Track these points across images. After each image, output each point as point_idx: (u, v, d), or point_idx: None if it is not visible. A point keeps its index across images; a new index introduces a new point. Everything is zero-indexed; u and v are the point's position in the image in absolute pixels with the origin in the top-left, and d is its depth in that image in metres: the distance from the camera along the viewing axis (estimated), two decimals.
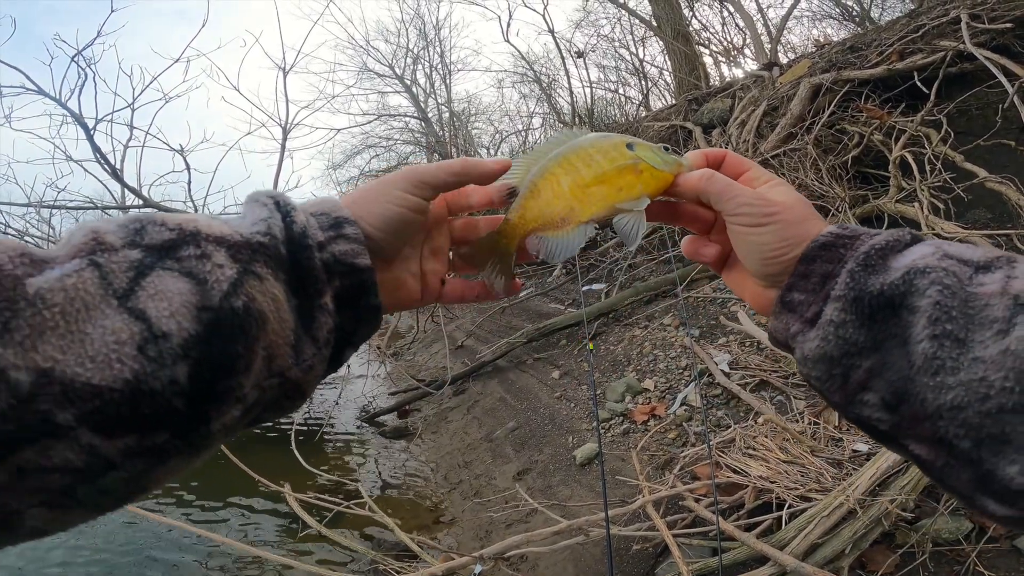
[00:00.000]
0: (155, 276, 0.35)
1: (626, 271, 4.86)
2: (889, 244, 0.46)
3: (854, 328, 0.44)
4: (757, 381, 2.90)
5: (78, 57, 6.28)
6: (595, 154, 0.57)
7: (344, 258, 0.45)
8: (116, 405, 0.31)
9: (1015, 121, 3.57)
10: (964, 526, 1.70)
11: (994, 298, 0.40)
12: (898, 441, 0.45)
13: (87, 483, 0.32)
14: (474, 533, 2.81)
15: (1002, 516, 0.40)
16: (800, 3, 11.94)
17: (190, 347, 0.34)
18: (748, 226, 0.51)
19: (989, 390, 0.38)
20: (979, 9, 4.41)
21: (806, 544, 1.71)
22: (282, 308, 0.40)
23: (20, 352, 0.29)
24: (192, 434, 0.35)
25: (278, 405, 0.42)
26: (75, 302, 0.32)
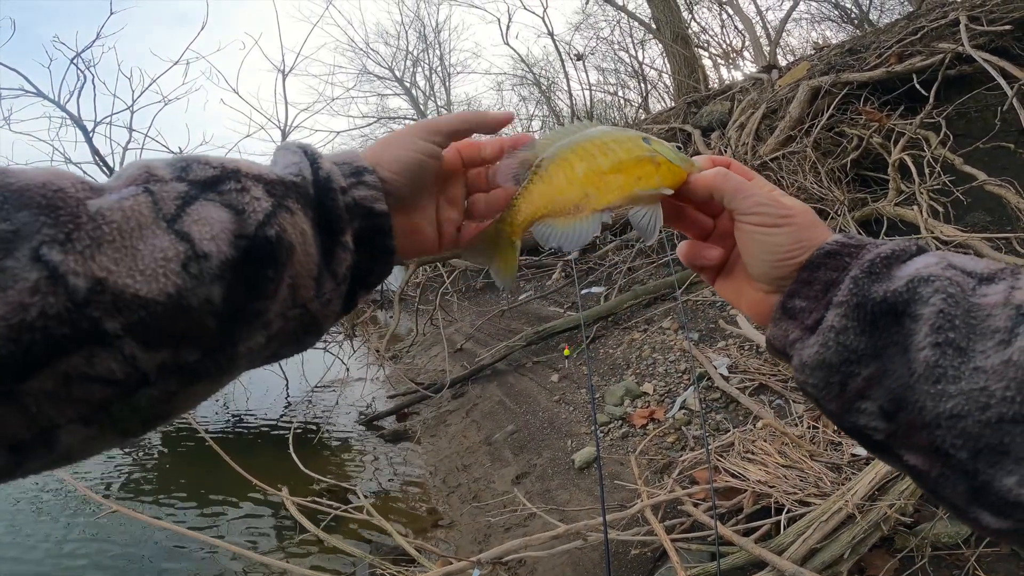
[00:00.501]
0: (199, 205, 0.38)
1: (625, 274, 4.85)
2: (895, 253, 0.46)
3: (855, 335, 0.44)
4: (756, 385, 2.90)
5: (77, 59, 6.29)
6: (612, 143, 0.56)
7: (363, 202, 0.48)
8: (158, 318, 0.33)
9: (1014, 124, 3.57)
10: (963, 530, 1.70)
11: (996, 308, 0.40)
12: (893, 451, 0.44)
13: (122, 399, 0.33)
14: (472, 537, 2.80)
15: (996, 529, 0.40)
16: (799, 6, 11.98)
17: (226, 269, 0.36)
18: (763, 226, 0.51)
19: (990, 400, 0.38)
20: (978, 11, 4.41)
21: (805, 549, 1.70)
22: (308, 242, 0.43)
23: (80, 260, 0.32)
24: (219, 354, 0.37)
25: (296, 339, 0.44)
26: (130, 221, 0.34)
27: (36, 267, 0.30)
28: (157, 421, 0.37)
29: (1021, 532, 0.39)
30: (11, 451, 0.31)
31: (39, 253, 0.31)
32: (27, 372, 0.30)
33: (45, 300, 0.30)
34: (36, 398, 0.30)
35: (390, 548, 2.68)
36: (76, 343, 0.31)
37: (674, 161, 0.56)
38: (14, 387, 0.30)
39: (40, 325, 0.30)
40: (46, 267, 0.31)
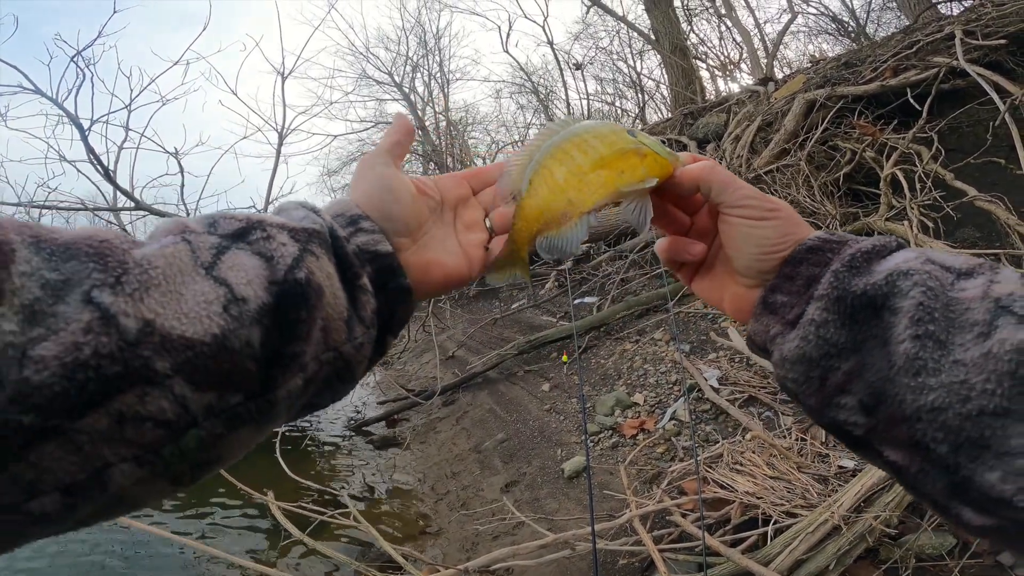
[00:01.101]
0: (232, 253, 0.39)
1: (618, 285, 4.86)
2: (875, 248, 0.47)
3: (835, 328, 0.45)
4: (746, 397, 2.90)
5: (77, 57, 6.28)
6: (591, 139, 0.55)
7: (367, 247, 0.48)
8: (204, 358, 0.34)
9: (1005, 139, 3.59)
10: (947, 542, 1.70)
11: (975, 302, 0.41)
12: (873, 447, 0.44)
13: (172, 440, 0.34)
14: (460, 545, 2.79)
15: (979, 526, 0.39)
16: (797, 19, 12.07)
17: (263, 314, 0.38)
18: (750, 219, 0.52)
19: (970, 392, 0.38)
20: (973, 25, 4.45)
21: (791, 560, 1.70)
22: (335, 285, 0.44)
23: (130, 302, 0.33)
24: (260, 398, 0.38)
25: (331, 385, 0.45)
26: (172, 266, 0.36)
27: (88, 309, 0.31)
28: (205, 469, 0.37)
29: (1004, 529, 0.38)
30: (65, 493, 0.31)
31: (90, 296, 0.32)
32: (83, 410, 0.30)
33: (98, 339, 0.31)
34: (90, 436, 0.31)
35: (377, 554, 2.66)
36: (129, 381, 0.32)
37: (660, 153, 0.55)
38: (70, 425, 0.30)
39: (94, 363, 0.30)
40: (98, 308, 0.32)
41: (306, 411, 0.46)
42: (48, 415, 0.29)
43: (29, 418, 0.29)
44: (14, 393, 0.28)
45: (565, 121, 0.58)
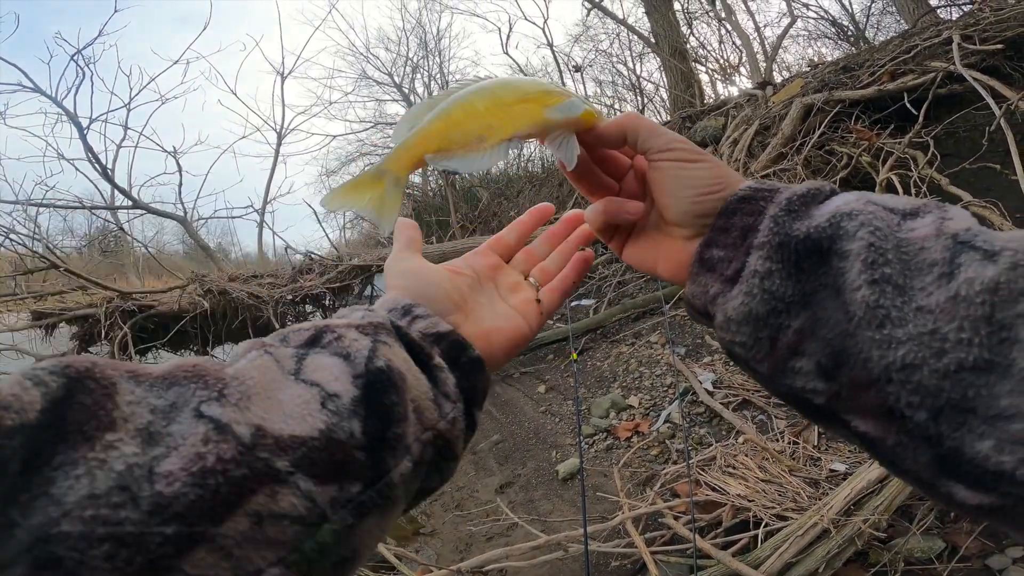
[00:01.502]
0: (311, 358, 0.41)
1: (615, 288, 4.87)
2: (811, 192, 0.44)
3: (780, 279, 0.41)
4: (740, 400, 2.91)
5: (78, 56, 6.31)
6: (514, 81, 0.53)
7: (428, 330, 0.49)
8: (318, 451, 0.36)
9: (1001, 144, 3.60)
10: (937, 545, 1.71)
11: (929, 240, 0.36)
12: (838, 417, 0.40)
13: (310, 535, 0.35)
14: (454, 546, 2.79)
15: (975, 505, 0.34)
16: (796, 23, 12.09)
17: (357, 406, 0.39)
18: (682, 161, 0.50)
19: (943, 344, 0.33)
20: (971, 30, 4.46)
21: (781, 563, 1.71)
22: (413, 368, 0.44)
23: (237, 411, 0.35)
24: (378, 482, 0.39)
25: (437, 466, 0.45)
26: (265, 377, 0.38)
27: (201, 422, 0.33)
28: (345, 566, 0.38)
29: (1006, 508, 0.33)
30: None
31: (200, 411, 0.34)
32: (222, 513, 0.31)
33: (218, 447, 0.32)
34: (236, 541, 0.31)
35: (370, 555, 2.67)
36: (257, 482, 0.33)
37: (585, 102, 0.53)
38: (214, 530, 0.31)
39: (220, 468, 0.32)
40: (211, 420, 0.33)
41: (421, 497, 0.47)
42: (190, 522, 0.30)
43: (172, 528, 0.29)
44: (151, 507, 0.29)
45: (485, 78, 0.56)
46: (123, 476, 0.29)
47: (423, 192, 13.35)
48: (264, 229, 10.48)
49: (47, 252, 6.89)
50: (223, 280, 5.44)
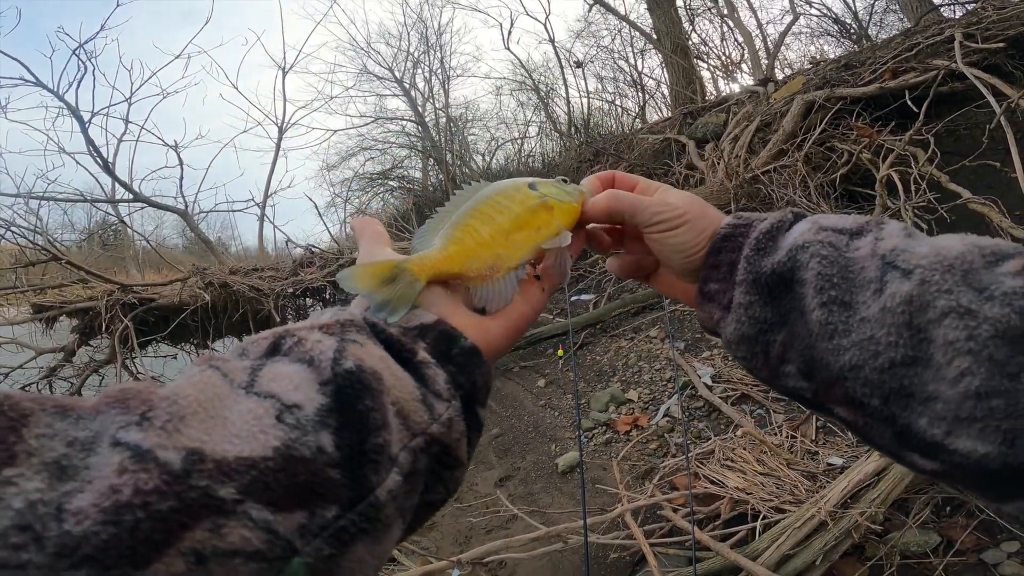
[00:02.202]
0: (268, 368, 0.37)
1: (615, 283, 4.88)
2: (774, 226, 0.51)
3: (760, 307, 0.48)
4: (738, 395, 2.92)
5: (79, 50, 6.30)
6: (503, 200, 0.58)
7: (409, 323, 0.46)
8: (273, 473, 0.31)
9: (1001, 142, 3.61)
10: (932, 539, 1.72)
11: (867, 260, 0.43)
12: (825, 407, 0.47)
13: (274, 572, 0.30)
14: (454, 538, 2.81)
15: (930, 470, 0.41)
16: (799, 20, 12.07)
17: (326, 416, 0.35)
18: (665, 231, 0.56)
19: (878, 347, 0.41)
20: (974, 28, 4.46)
21: (778, 555, 1.72)
22: (393, 365, 0.41)
23: (163, 434, 0.30)
24: (360, 503, 0.34)
25: (439, 476, 0.42)
26: (206, 392, 0.33)
27: (116, 451, 0.29)
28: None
29: (949, 472, 0.40)
30: None
31: (116, 438, 0.29)
32: (145, 556, 0.27)
33: (136, 477, 0.28)
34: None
35: None
36: (191, 516, 0.28)
37: (563, 199, 0.59)
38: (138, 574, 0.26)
39: (138, 502, 0.27)
40: (127, 448, 0.29)
41: (426, 512, 0.43)
42: (105, 565, 0.26)
43: (83, 573, 0.25)
44: (57, 548, 0.25)
45: (475, 187, 0.60)
46: (22, 514, 0.26)
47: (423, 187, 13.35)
48: (265, 223, 10.47)
49: (48, 245, 6.89)
50: (224, 273, 5.44)
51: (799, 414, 2.54)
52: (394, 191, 15.20)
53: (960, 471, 0.39)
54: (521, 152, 12.42)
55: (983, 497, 0.41)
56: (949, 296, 0.39)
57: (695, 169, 5.78)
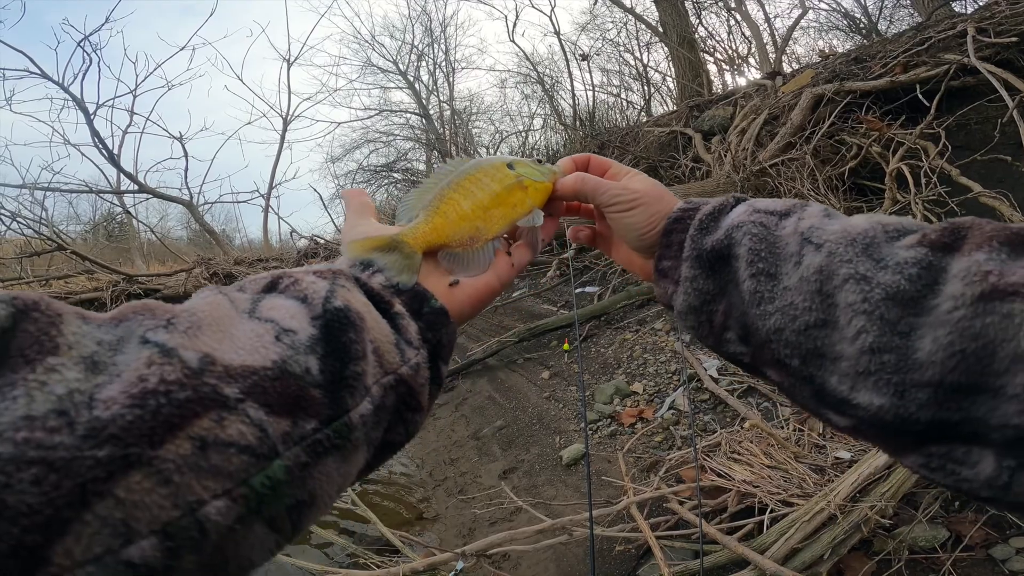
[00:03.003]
0: (267, 300, 0.42)
1: (620, 275, 4.86)
2: (716, 209, 0.57)
3: (703, 280, 0.55)
4: (744, 388, 2.90)
5: (85, 42, 6.30)
6: (483, 177, 0.64)
7: (387, 282, 0.51)
8: (270, 380, 0.36)
9: (1013, 136, 3.57)
10: (941, 534, 1.70)
11: (790, 237, 0.49)
12: (760, 369, 0.52)
13: (259, 470, 0.34)
14: (457, 530, 2.80)
15: (844, 427, 0.46)
16: (807, 14, 11.99)
17: (315, 344, 0.39)
18: (621, 212, 0.63)
19: (795, 311, 0.46)
20: (987, 23, 4.42)
21: (786, 549, 1.71)
22: (373, 311, 0.45)
23: (185, 338, 0.34)
24: (335, 422, 0.38)
25: (401, 416, 0.46)
26: (217, 312, 0.38)
27: (146, 348, 0.33)
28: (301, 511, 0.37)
29: (860, 428, 0.44)
30: (163, 536, 0.30)
31: (145, 338, 0.33)
32: (162, 435, 0.30)
33: (162, 369, 0.32)
34: (176, 466, 0.30)
35: (373, 539, 2.68)
36: (202, 405, 0.32)
37: (538, 179, 0.66)
38: (152, 452, 0.30)
39: (162, 389, 0.31)
40: (155, 346, 0.33)
41: (386, 451, 0.47)
42: (126, 443, 0.29)
43: (105, 451, 0.28)
44: (87, 431, 0.28)
45: (458, 161, 0.66)
46: (62, 400, 0.29)
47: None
48: (270, 214, 10.47)
49: (53, 235, 6.90)
50: (229, 264, 5.45)
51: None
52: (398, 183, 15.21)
53: (865, 425, 0.43)
54: (526, 145, 12.38)
55: (886, 450, 0.45)
56: (850, 265, 0.44)
57: (701, 162, 5.74)
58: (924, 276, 0.41)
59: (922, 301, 0.40)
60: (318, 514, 0.39)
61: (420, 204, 0.62)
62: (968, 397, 0.38)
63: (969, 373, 0.37)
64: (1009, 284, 0.37)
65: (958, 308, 0.38)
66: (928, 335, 0.39)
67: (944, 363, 0.38)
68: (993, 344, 0.36)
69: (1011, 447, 0.37)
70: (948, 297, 0.39)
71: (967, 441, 0.39)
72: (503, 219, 0.64)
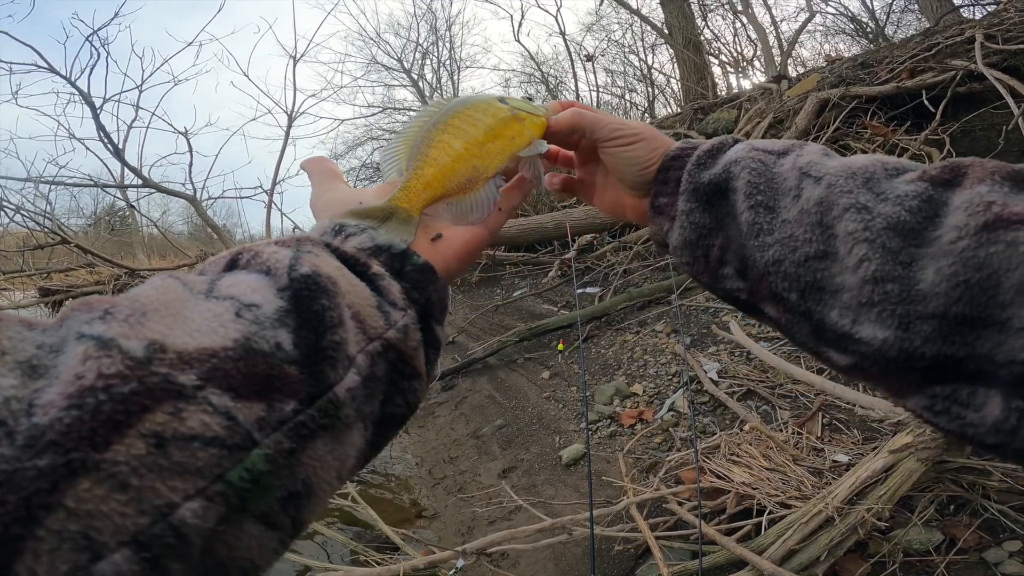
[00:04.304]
0: (227, 278, 0.38)
1: (621, 276, 4.87)
2: (714, 147, 0.57)
3: (700, 213, 0.54)
4: (744, 390, 2.91)
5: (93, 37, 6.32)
6: (473, 113, 0.59)
7: (363, 245, 0.46)
8: (233, 361, 0.32)
9: (1017, 143, 3.58)
10: (935, 537, 1.71)
11: (788, 172, 0.49)
12: (757, 307, 0.52)
13: (234, 463, 0.30)
14: (456, 529, 2.81)
15: (845, 365, 0.45)
16: (814, 18, 11.98)
17: (284, 316, 0.36)
18: (622, 146, 0.61)
19: (796, 243, 0.46)
20: (995, 30, 4.42)
21: (784, 550, 1.72)
22: (347, 274, 0.41)
23: (126, 326, 0.31)
24: (318, 399, 0.35)
25: (397, 386, 0.42)
26: (167, 296, 0.34)
27: (81, 342, 0.29)
28: (297, 503, 0.34)
29: (862, 365, 0.43)
30: (137, 547, 0.27)
31: (80, 332, 0.30)
32: (106, 437, 0.27)
33: (99, 362, 0.28)
34: (132, 468, 0.27)
35: (373, 536, 2.69)
36: (152, 398, 0.29)
37: (533, 113, 0.62)
38: (98, 456, 0.27)
39: (101, 385, 0.28)
40: (90, 339, 0.30)
41: (389, 426, 0.43)
42: (66, 449, 0.26)
43: (46, 459, 0.25)
44: (26, 440, 0.26)
45: (438, 103, 0.61)
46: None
47: None
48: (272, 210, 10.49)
49: (56, 229, 6.92)
50: None
51: (805, 411, 2.53)
52: None
53: (867, 362, 0.42)
54: None
55: (889, 391, 0.43)
56: (850, 195, 0.43)
57: None
58: (925, 209, 0.40)
59: (923, 232, 0.40)
60: (318, 504, 0.36)
61: (406, 152, 0.57)
62: (973, 331, 0.37)
63: (974, 305, 0.36)
64: (1014, 213, 0.36)
65: (961, 238, 0.37)
66: (931, 266, 0.38)
67: (948, 294, 0.37)
68: (998, 274, 0.35)
69: (1019, 386, 0.35)
70: (950, 228, 0.38)
71: (972, 380, 0.38)
72: (502, 153, 0.59)
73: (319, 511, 0.36)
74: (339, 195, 0.55)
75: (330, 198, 0.55)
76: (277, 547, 0.33)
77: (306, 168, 0.61)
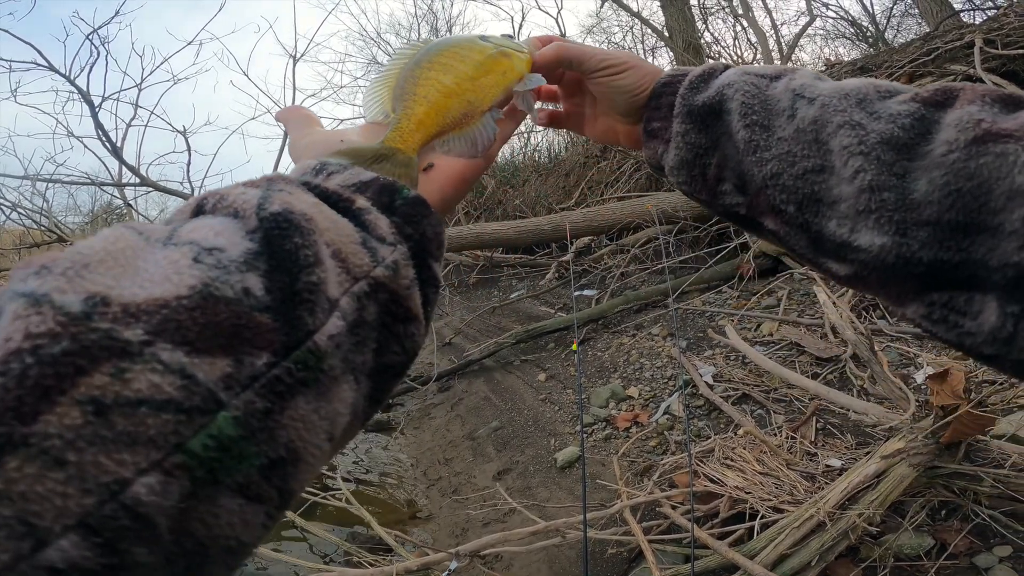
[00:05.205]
0: (189, 224, 0.33)
1: (618, 279, 4.87)
2: (706, 72, 0.58)
3: (695, 134, 0.56)
4: (739, 394, 2.92)
5: (93, 35, 6.31)
6: (460, 51, 0.58)
7: (347, 182, 0.41)
8: (188, 311, 0.27)
9: None
10: (926, 542, 1.72)
11: (782, 94, 0.51)
12: (756, 221, 0.53)
13: (196, 429, 0.26)
14: (450, 530, 2.82)
15: (844, 276, 0.47)
16: (815, 22, 11.99)
17: (253, 259, 0.31)
18: (611, 75, 0.62)
19: (793, 158, 0.48)
20: (995, 35, 4.43)
21: (775, 554, 1.73)
22: (325, 209, 0.37)
23: (63, 280, 0.26)
24: (296, 349, 0.30)
25: (390, 330, 0.37)
26: (117, 245, 0.29)
27: (12, 302, 0.25)
28: (280, 471, 0.29)
29: (861, 274, 0.45)
30: (86, 530, 0.23)
31: (13, 292, 0.26)
32: (34, 406, 0.23)
33: (27, 321, 0.24)
34: (66, 441, 0.23)
35: (367, 537, 2.69)
36: (89, 358, 0.24)
37: (518, 50, 0.62)
38: (26, 429, 0.23)
39: (28, 346, 0.24)
40: (22, 295, 0.25)
41: (387, 377, 0.38)
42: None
43: None
44: None
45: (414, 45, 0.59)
46: None
47: None
48: None
49: (52, 227, 6.91)
50: None
51: (799, 416, 2.54)
52: None
53: (867, 270, 0.44)
54: (527, 146, 12.37)
55: (888, 299, 0.45)
56: (844, 114, 0.45)
57: None
58: (917, 126, 0.42)
59: (916, 147, 0.42)
60: (308, 470, 0.31)
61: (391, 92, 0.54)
62: (967, 237, 0.38)
63: (967, 211, 0.38)
64: (1003, 128, 0.38)
65: (952, 151, 0.39)
66: (923, 177, 0.40)
67: (941, 202, 0.39)
68: (988, 182, 0.37)
69: (1014, 290, 0.36)
70: (942, 143, 0.40)
71: (969, 287, 0.39)
72: (496, 87, 0.58)
73: (311, 478, 0.32)
74: (319, 137, 0.52)
75: (310, 141, 0.52)
76: (265, 521, 0.29)
77: (281, 119, 0.58)
